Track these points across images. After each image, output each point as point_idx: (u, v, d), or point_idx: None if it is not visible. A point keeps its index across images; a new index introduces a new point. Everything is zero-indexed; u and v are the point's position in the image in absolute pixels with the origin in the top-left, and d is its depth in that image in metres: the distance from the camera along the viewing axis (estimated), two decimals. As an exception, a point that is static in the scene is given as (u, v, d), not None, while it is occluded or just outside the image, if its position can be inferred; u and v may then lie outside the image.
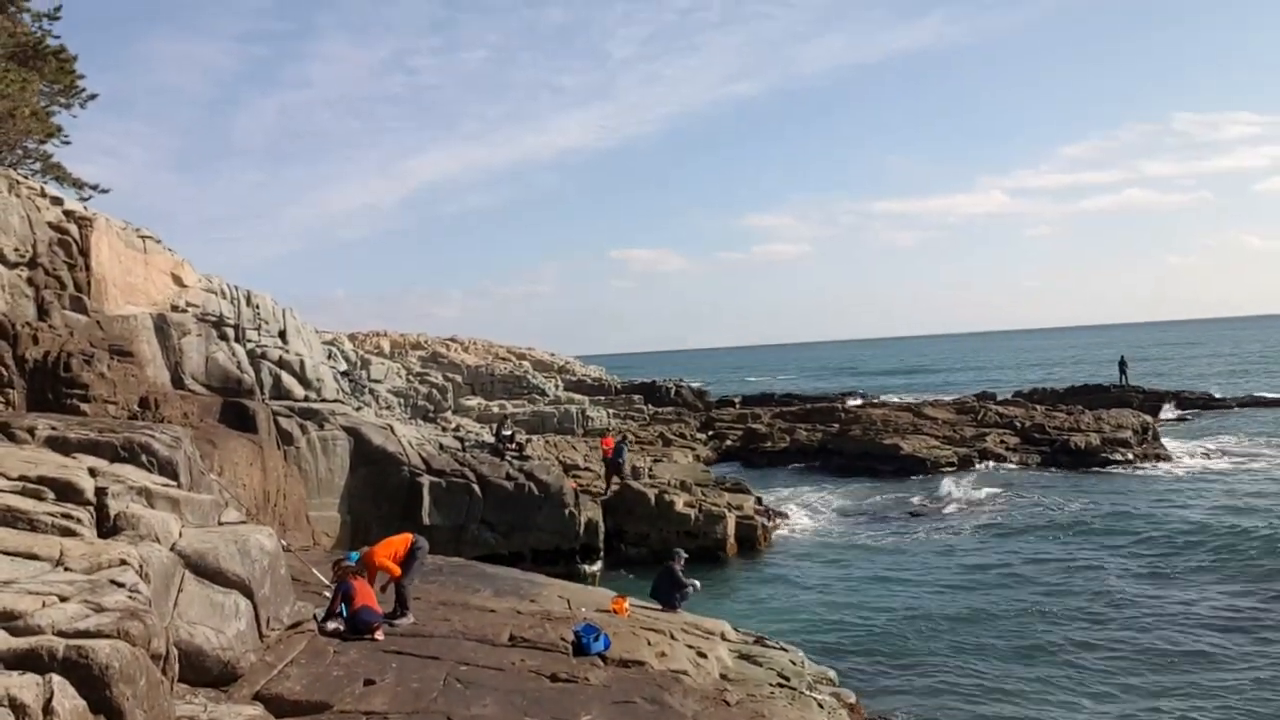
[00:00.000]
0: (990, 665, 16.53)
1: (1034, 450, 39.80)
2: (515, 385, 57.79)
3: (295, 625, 10.17)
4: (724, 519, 26.10)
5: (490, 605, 13.16)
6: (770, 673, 12.56)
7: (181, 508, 9.61)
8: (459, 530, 23.74)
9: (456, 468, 24.72)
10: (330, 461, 23.18)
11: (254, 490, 18.31)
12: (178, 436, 11.82)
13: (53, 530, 7.81)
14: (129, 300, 20.57)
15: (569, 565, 23.51)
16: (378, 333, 63.36)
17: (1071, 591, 20.67)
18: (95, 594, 6.48)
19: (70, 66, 22.61)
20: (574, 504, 24.79)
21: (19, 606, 6.04)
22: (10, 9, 20.85)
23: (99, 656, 5.81)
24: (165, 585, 7.91)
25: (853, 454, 41.46)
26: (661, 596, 15.16)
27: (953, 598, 20.81)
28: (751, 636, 14.61)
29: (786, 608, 21.08)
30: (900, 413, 48.68)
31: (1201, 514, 27.81)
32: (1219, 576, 21.27)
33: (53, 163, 24.19)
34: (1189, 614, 18.64)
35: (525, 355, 67.48)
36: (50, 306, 17.25)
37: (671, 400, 68.77)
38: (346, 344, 52.82)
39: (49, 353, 15.83)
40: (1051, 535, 26.21)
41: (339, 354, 46.75)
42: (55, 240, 18.28)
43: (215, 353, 22.20)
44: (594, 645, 11.29)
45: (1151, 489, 32.98)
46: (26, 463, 9.13)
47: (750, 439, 49.37)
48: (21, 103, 19.94)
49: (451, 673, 9.75)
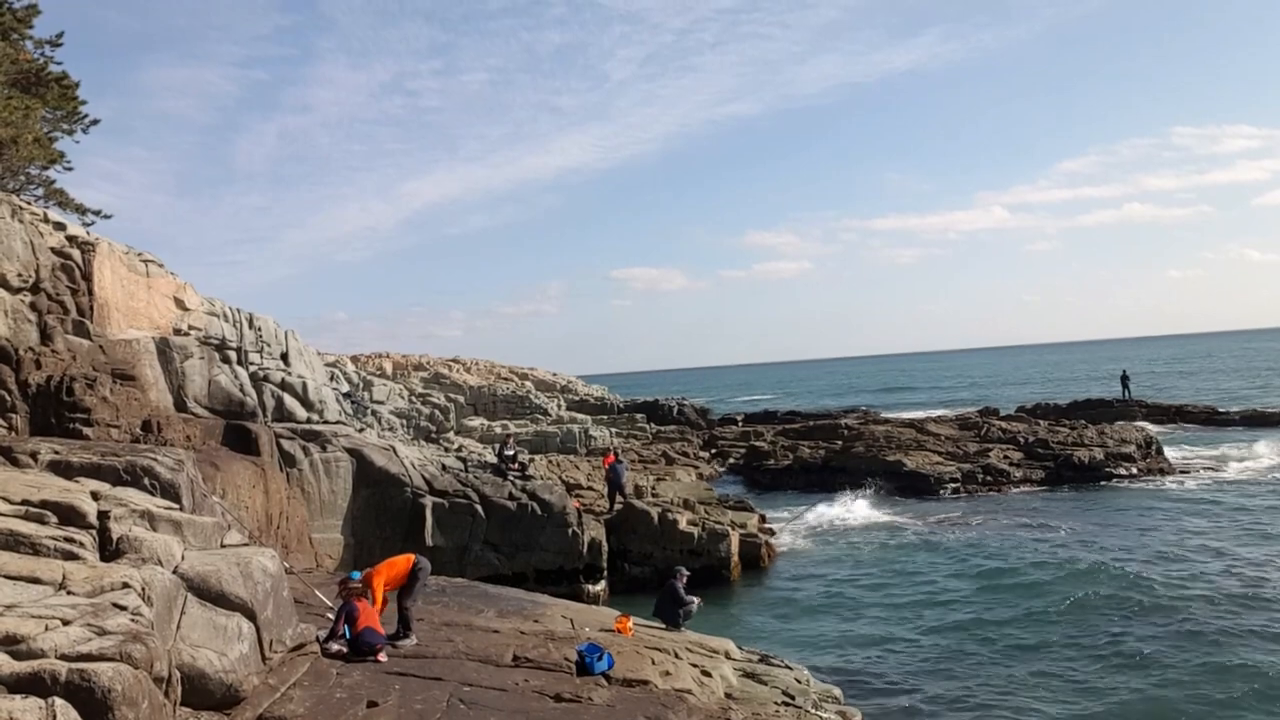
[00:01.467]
0: (997, 684, 16.45)
1: (1038, 465, 39.68)
2: (518, 405, 57.78)
3: (298, 647, 10.14)
4: (727, 537, 26.02)
5: (494, 626, 13.12)
6: (775, 691, 12.51)
7: (184, 530, 9.61)
8: (462, 551, 23.68)
9: (459, 488, 24.68)
10: (333, 483, 23.16)
11: (256, 512, 18.30)
12: (180, 459, 11.84)
13: (55, 554, 7.82)
14: (131, 324, 20.62)
15: (572, 585, 23.43)
16: (380, 354, 63.37)
17: (1080, 611, 20.54)
18: (98, 617, 6.49)
19: (73, 93, 22.81)
20: (577, 524, 24.73)
21: (21, 630, 6.05)
22: (13, 36, 21.03)
23: (101, 680, 5.81)
24: (168, 608, 7.90)
25: (856, 471, 41.33)
26: (665, 615, 15.12)
27: (959, 615, 20.72)
28: (756, 654, 14.55)
29: (791, 625, 21.00)
30: (903, 429, 48.57)
31: (1206, 529, 27.73)
32: (1227, 594, 21.18)
33: (55, 188, 24.35)
34: (1212, 638, 18.22)
35: (528, 375, 67.47)
36: (53, 331, 17.31)
37: (674, 419, 68.70)
38: (349, 365, 52.89)
39: (52, 377, 15.87)
40: (1059, 554, 26.05)
41: (341, 376, 46.79)
42: (58, 265, 18.36)
43: (218, 375, 22.24)
44: (597, 665, 11.25)
45: (1156, 504, 32.89)
46: (29, 487, 9.15)
47: (753, 457, 49.30)
48: (24, 129, 20.10)
49: (455, 694, 9.72)
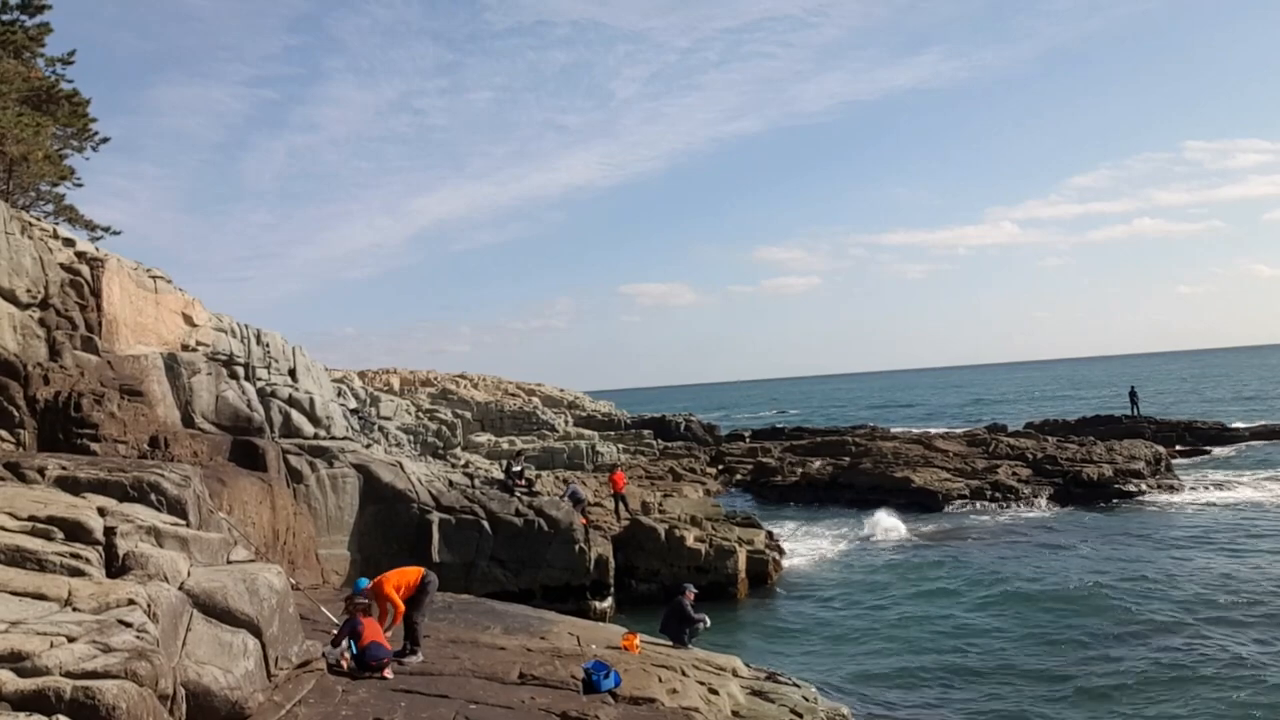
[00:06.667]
0: (1005, 702, 16.31)
1: (1046, 482, 39.48)
2: (525, 421, 57.77)
3: (304, 664, 10.10)
4: (735, 554, 25.90)
5: (500, 643, 13.07)
6: (783, 709, 12.42)
7: (190, 547, 9.59)
8: (469, 567, 23.62)
9: (466, 504, 24.64)
10: (340, 499, 23.13)
11: (263, 528, 18.27)
12: (187, 475, 11.82)
13: (61, 570, 7.80)
14: (140, 340, 20.67)
15: (579, 602, 23.33)
16: (387, 370, 63.49)
17: (1090, 631, 20.33)
18: (103, 634, 6.46)
19: (83, 110, 22.96)
20: (584, 540, 24.65)
21: (27, 647, 6.03)
22: (25, 54, 21.19)
23: (106, 697, 5.79)
24: (173, 625, 7.87)
25: (864, 487, 41.21)
26: (670, 633, 15.04)
27: (967, 632, 20.57)
28: (763, 672, 14.47)
29: (798, 642, 20.87)
30: (911, 445, 48.44)
31: (1217, 548, 27.53)
32: (1238, 612, 21.01)
33: (65, 204, 24.50)
34: (1228, 660, 17.86)
35: (535, 391, 67.49)
36: (61, 347, 17.34)
37: (681, 435, 68.64)
38: (356, 381, 52.97)
39: (60, 393, 15.90)
40: (1069, 572, 25.86)
41: (349, 391, 46.88)
42: (67, 281, 18.42)
43: (225, 391, 22.25)
44: (604, 683, 11.20)
45: (1165, 522, 32.69)
46: (36, 503, 9.14)
47: (760, 473, 49.18)
48: (36, 146, 20.23)
49: (461, 711, 9.66)
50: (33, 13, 21.49)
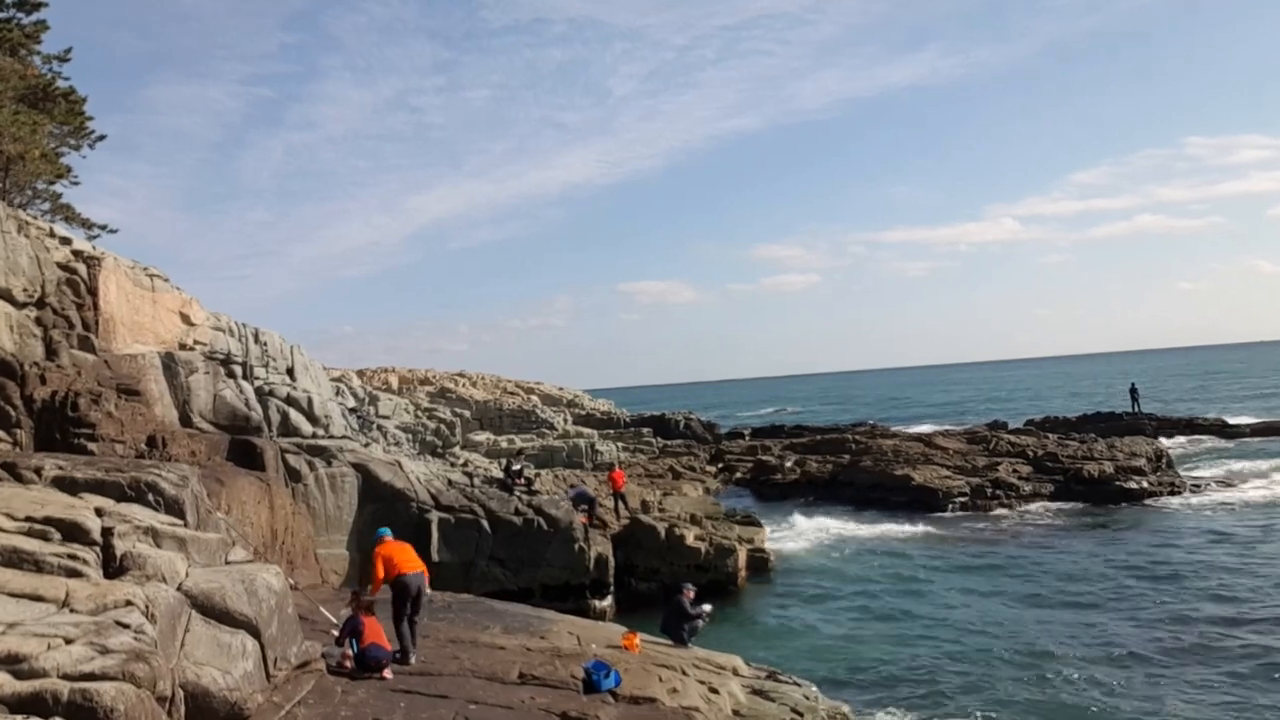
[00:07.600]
0: (1008, 700, 16.28)
1: (1047, 480, 39.43)
2: (524, 420, 57.70)
3: (303, 665, 10.04)
4: (735, 552, 25.87)
5: (500, 642, 13.02)
6: (784, 708, 12.37)
7: (188, 547, 9.54)
8: (468, 566, 23.57)
9: (465, 503, 24.59)
10: (338, 498, 23.08)
11: (261, 528, 18.20)
12: (185, 475, 11.76)
13: (59, 571, 7.75)
14: (137, 339, 20.61)
15: (579, 601, 23.29)
16: (385, 368, 63.38)
17: (1092, 627, 20.37)
18: (100, 636, 6.41)
19: (80, 108, 22.89)
20: (583, 539, 24.61)
21: (24, 649, 5.98)
22: (21, 52, 21.12)
23: (104, 699, 5.74)
24: (171, 626, 7.82)
25: (864, 485, 41.20)
26: (670, 632, 15.00)
27: (969, 631, 20.55)
28: (764, 671, 14.42)
29: (799, 642, 20.84)
30: (911, 443, 48.40)
31: (1219, 545, 27.51)
32: (1239, 608, 20.99)
33: (62, 203, 24.44)
34: (1237, 658, 17.83)
35: (534, 389, 67.41)
36: (58, 346, 17.28)
37: (681, 433, 68.57)
38: (354, 380, 52.88)
39: (56, 392, 15.83)
40: (1069, 569, 25.87)
41: (347, 390, 46.80)
42: (64, 280, 18.36)
43: (223, 390, 22.19)
44: (604, 682, 11.15)
45: (1167, 519, 32.67)
46: (33, 503, 9.08)
47: (760, 471, 49.14)
48: (32, 145, 20.17)
49: (461, 711, 9.62)
50: (29, 10, 21.43)
